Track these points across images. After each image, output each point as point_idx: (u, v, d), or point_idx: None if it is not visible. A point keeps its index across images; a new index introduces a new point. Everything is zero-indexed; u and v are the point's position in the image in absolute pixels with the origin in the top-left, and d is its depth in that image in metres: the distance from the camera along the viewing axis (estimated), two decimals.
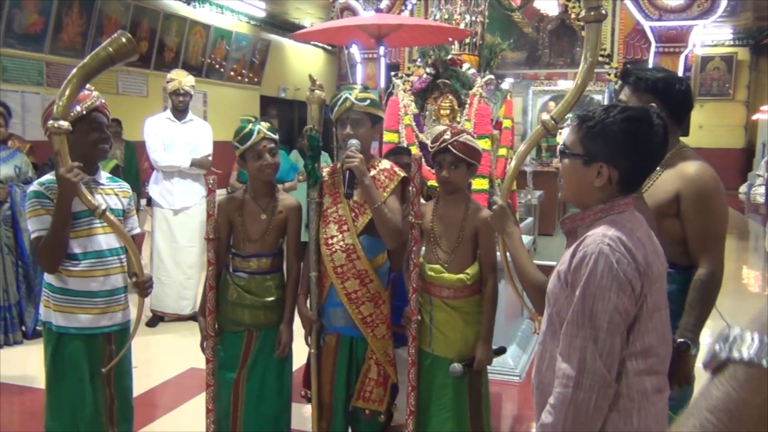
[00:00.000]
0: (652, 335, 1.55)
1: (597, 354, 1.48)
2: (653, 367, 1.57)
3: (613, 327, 1.48)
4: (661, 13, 5.38)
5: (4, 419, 3.74)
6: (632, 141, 1.57)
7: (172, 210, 5.17)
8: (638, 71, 2.31)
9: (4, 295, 4.64)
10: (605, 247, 1.49)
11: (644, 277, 1.50)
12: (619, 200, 1.60)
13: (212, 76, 12.57)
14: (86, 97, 2.43)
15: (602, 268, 1.48)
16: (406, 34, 3.78)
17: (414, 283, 2.53)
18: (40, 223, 2.37)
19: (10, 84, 8.69)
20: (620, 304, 1.48)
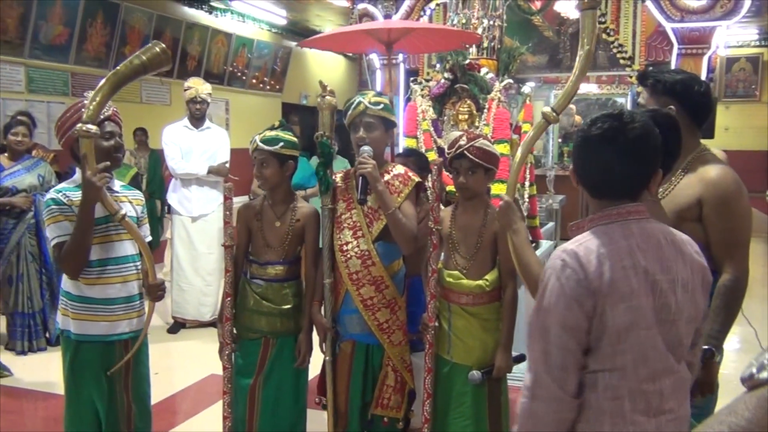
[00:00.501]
0: (628, 357, 1.48)
1: (548, 368, 1.48)
2: (635, 387, 1.49)
3: (561, 342, 1.47)
4: (683, 15, 5.30)
5: (28, 425, 3.79)
6: (579, 153, 1.60)
7: (190, 217, 5.21)
8: (656, 73, 2.27)
9: (28, 303, 4.70)
10: (558, 262, 1.50)
11: (596, 295, 1.45)
12: (610, 210, 1.56)
13: (234, 84, 12.67)
14: None
15: (553, 283, 1.49)
16: (417, 40, 3.77)
17: (432, 290, 2.51)
18: (60, 230, 2.38)
19: (36, 94, 8.85)
20: (568, 320, 1.46)
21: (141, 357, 2.63)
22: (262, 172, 2.64)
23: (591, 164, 1.57)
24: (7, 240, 4.62)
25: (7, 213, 4.59)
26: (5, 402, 3.95)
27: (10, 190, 4.58)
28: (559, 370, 1.48)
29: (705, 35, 5.35)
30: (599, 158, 1.55)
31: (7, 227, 4.61)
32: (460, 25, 4.39)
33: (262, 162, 2.63)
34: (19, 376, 4.30)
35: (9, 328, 4.75)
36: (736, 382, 3.73)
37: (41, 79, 8.97)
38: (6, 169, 4.62)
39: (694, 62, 5.34)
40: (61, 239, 2.38)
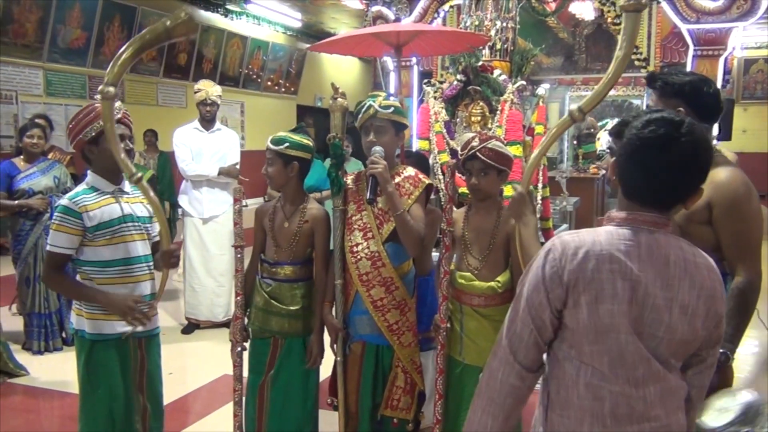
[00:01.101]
0: (605, 359, 1.46)
1: (508, 333, 1.57)
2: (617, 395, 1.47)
3: (525, 315, 1.54)
4: (699, 16, 5.25)
5: (45, 424, 3.84)
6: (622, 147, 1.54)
7: (201, 219, 5.25)
8: (664, 75, 2.25)
9: (45, 303, 4.75)
10: (549, 243, 1.55)
11: (569, 287, 1.46)
12: (632, 214, 1.52)
13: (249, 86, 12.76)
14: None
15: (537, 261, 1.55)
16: (426, 43, 3.78)
17: (444, 291, 2.51)
18: (58, 240, 2.41)
19: (55, 97, 8.97)
20: (533, 299, 1.52)
21: (154, 357, 2.66)
22: (267, 170, 2.68)
23: (635, 165, 1.51)
24: (24, 241, 4.67)
25: (24, 215, 4.65)
26: (22, 401, 4.00)
27: (27, 192, 4.64)
28: (517, 339, 1.55)
29: (721, 36, 5.30)
30: (645, 162, 1.49)
31: (24, 228, 4.67)
32: (473, 27, 4.38)
33: (268, 161, 2.68)
34: (35, 375, 4.35)
35: (26, 328, 4.80)
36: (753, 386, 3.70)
37: (59, 82, 9.09)
38: (22, 171, 4.68)
39: (710, 64, 5.29)
40: (56, 249, 2.42)
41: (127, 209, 2.53)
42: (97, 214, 2.44)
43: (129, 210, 2.54)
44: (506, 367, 1.56)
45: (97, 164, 2.51)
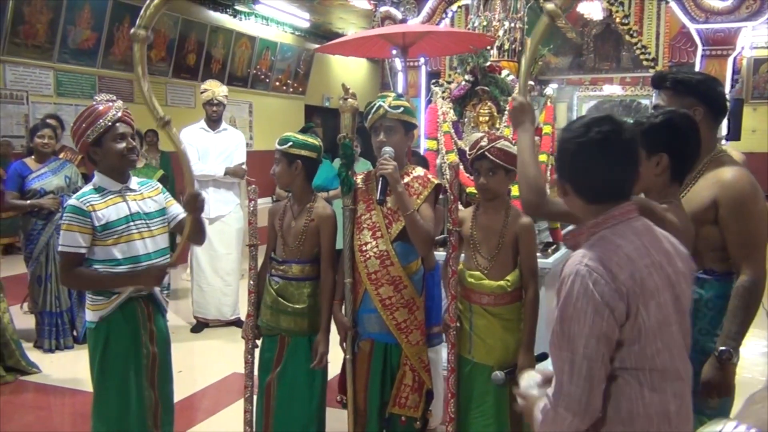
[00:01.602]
0: (666, 355, 1.49)
1: (573, 377, 1.45)
2: (677, 389, 1.51)
3: (589, 351, 1.44)
4: (708, 16, 5.25)
5: (56, 420, 3.88)
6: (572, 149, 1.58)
7: (207, 219, 5.26)
8: (674, 74, 2.26)
9: (56, 302, 4.80)
10: (582, 268, 1.46)
11: (629, 297, 1.44)
12: (611, 211, 1.55)
13: (258, 86, 12.79)
14: (108, 109, 2.48)
15: (578, 289, 1.45)
16: (431, 44, 3.80)
17: (452, 290, 2.52)
18: (69, 240, 2.43)
19: (65, 98, 9.02)
20: (596, 327, 1.43)
21: (165, 355, 2.68)
22: (274, 170, 2.72)
23: (592, 168, 1.56)
24: (36, 241, 4.72)
25: (35, 214, 4.69)
26: (34, 398, 4.05)
27: (38, 192, 4.68)
28: (585, 379, 1.45)
29: (730, 36, 5.30)
30: (601, 161, 1.55)
31: (36, 228, 4.71)
32: (482, 28, 4.40)
33: (276, 160, 2.72)
34: (47, 372, 4.39)
35: (37, 326, 4.85)
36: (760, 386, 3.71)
37: (69, 82, 9.14)
38: (33, 171, 4.72)
39: (719, 63, 5.29)
40: (68, 249, 2.44)
41: (135, 207, 2.55)
42: (105, 213, 2.47)
43: (136, 208, 2.55)
44: (578, 415, 1.46)
45: (103, 164, 2.53)
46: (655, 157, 1.95)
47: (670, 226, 1.83)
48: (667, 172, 1.96)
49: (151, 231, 2.58)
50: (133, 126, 2.58)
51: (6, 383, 4.18)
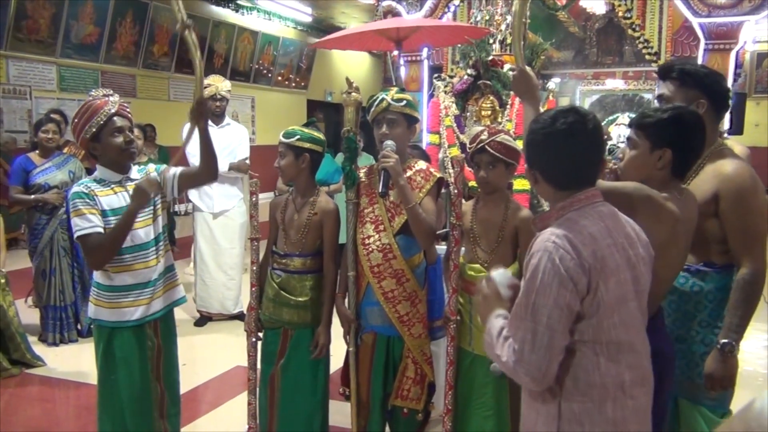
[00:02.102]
0: (621, 330, 1.59)
1: (534, 346, 1.54)
2: (631, 361, 1.60)
3: (552, 322, 1.53)
4: (711, 10, 5.24)
5: (61, 413, 3.91)
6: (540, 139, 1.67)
7: (211, 213, 5.29)
8: (680, 65, 2.26)
9: (60, 296, 4.83)
10: (550, 244, 1.55)
11: (591, 272, 1.54)
12: (578, 195, 1.65)
13: (260, 81, 12.80)
14: (104, 104, 2.48)
15: (545, 264, 1.54)
16: (425, 36, 3.81)
17: (454, 284, 2.54)
18: (85, 222, 2.43)
19: (68, 93, 9.05)
20: (561, 299, 1.53)
21: (171, 346, 2.70)
22: (279, 163, 2.72)
23: (559, 157, 1.66)
24: (40, 235, 4.74)
25: (40, 209, 4.72)
26: (39, 391, 4.07)
27: (43, 187, 4.70)
28: (546, 349, 1.54)
29: (733, 30, 5.28)
30: (568, 150, 1.65)
31: (41, 223, 4.73)
32: (484, 22, 4.40)
33: (280, 154, 2.73)
34: (51, 366, 4.42)
35: (42, 320, 4.88)
36: (761, 378, 3.73)
37: (72, 77, 9.17)
38: (38, 166, 4.74)
39: (722, 58, 5.27)
40: (85, 231, 2.42)
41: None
42: (105, 201, 2.48)
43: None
44: (535, 382, 1.57)
45: (103, 159, 2.54)
46: (658, 151, 1.97)
47: (669, 215, 1.85)
48: (668, 167, 1.98)
49: (151, 216, 2.58)
50: (131, 119, 2.58)
51: (11, 376, 4.21)
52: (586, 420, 1.58)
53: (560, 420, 1.61)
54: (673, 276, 2.04)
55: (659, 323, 2.00)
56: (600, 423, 1.58)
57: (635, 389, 1.61)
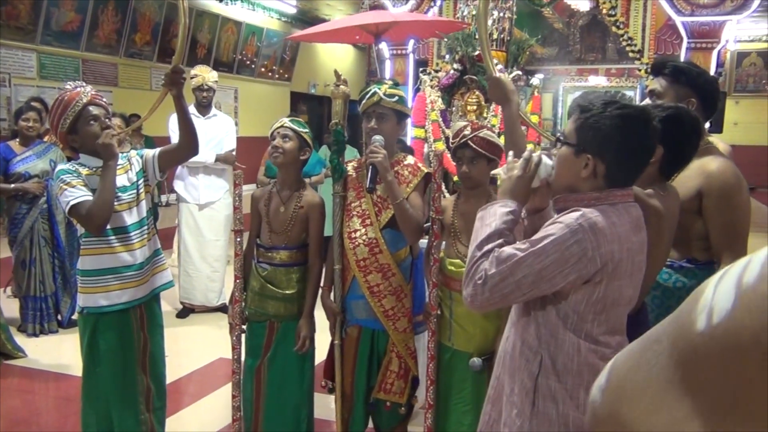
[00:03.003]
0: (604, 327, 1.60)
1: (512, 269, 1.53)
2: (606, 355, 1.60)
3: (540, 268, 1.51)
4: (694, 9, 5.31)
5: (41, 404, 3.88)
6: (622, 138, 1.57)
7: (197, 205, 5.26)
8: (674, 63, 2.28)
9: (41, 287, 4.78)
10: (576, 224, 1.53)
11: (603, 269, 1.54)
12: (616, 191, 1.61)
13: (243, 72, 12.72)
14: (76, 95, 2.46)
15: (562, 236, 1.53)
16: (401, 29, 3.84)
17: (434, 278, 2.55)
18: (75, 191, 2.40)
19: (48, 80, 8.93)
20: (561, 262, 1.51)
21: (157, 338, 2.70)
22: (282, 144, 2.68)
23: (637, 147, 1.60)
24: (20, 225, 4.69)
25: (20, 198, 4.66)
26: (19, 382, 4.03)
27: (23, 176, 4.64)
28: (515, 286, 1.53)
29: (715, 29, 5.36)
30: (647, 143, 1.61)
31: (21, 212, 4.68)
32: (470, 17, 4.41)
33: (285, 136, 2.69)
34: (32, 357, 4.37)
35: (22, 311, 4.83)
36: None
37: (52, 65, 9.04)
38: (18, 155, 4.68)
39: (704, 56, 5.35)
40: (77, 199, 2.39)
41: (119, 181, 2.53)
42: (90, 180, 2.47)
43: (119, 182, 2.54)
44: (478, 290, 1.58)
45: (84, 149, 2.53)
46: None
47: (654, 211, 1.88)
48: (657, 165, 1.99)
49: (135, 199, 2.58)
50: (106, 107, 2.57)
51: None
52: (560, 399, 1.61)
53: (536, 394, 1.63)
54: (657, 272, 2.07)
55: (643, 318, 2.04)
56: (571, 407, 1.60)
57: None
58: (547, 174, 1.71)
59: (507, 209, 1.66)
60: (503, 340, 1.82)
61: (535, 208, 1.82)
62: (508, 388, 1.72)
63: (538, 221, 1.75)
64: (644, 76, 5.81)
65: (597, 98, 1.63)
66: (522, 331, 1.69)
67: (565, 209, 1.62)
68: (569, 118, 1.73)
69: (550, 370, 1.62)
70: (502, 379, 1.77)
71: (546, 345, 1.62)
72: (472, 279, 1.59)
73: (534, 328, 1.65)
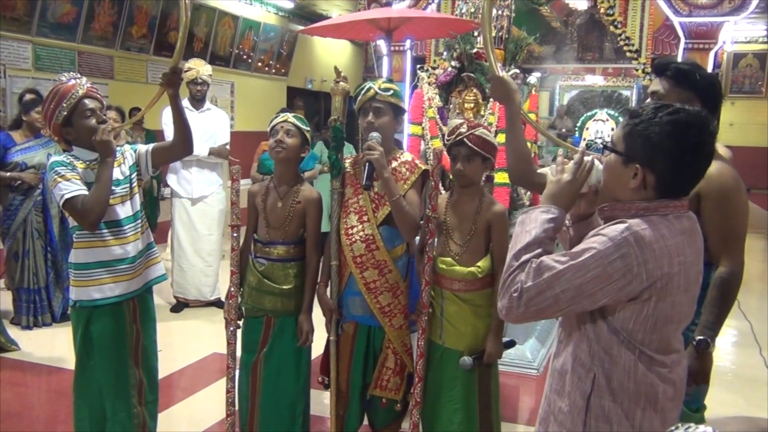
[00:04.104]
0: (656, 345, 1.53)
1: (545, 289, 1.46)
2: (665, 375, 1.55)
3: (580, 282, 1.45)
4: (691, 9, 5.31)
5: (34, 397, 3.86)
6: (674, 147, 1.48)
7: (190, 199, 5.24)
8: (677, 64, 2.25)
9: (34, 279, 4.76)
10: (621, 238, 1.45)
11: (651, 287, 1.46)
12: (667, 202, 1.52)
13: (240, 66, 12.67)
14: (72, 87, 2.45)
15: (607, 250, 1.45)
16: (414, 28, 3.82)
17: (427, 276, 2.55)
18: (70, 185, 2.40)
19: (44, 72, 8.87)
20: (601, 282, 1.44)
21: (149, 332, 2.69)
22: (285, 140, 2.67)
23: (691, 156, 1.51)
24: (14, 216, 4.67)
25: (14, 189, 4.63)
26: (12, 375, 4.02)
27: (19, 166, 4.62)
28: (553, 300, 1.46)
29: (712, 30, 5.36)
30: (704, 150, 1.52)
31: (15, 203, 4.66)
32: (469, 14, 4.41)
33: (289, 131, 2.69)
34: (25, 350, 4.36)
35: (14, 303, 4.81)
36: (730, 374, 3.84)
37: (48, 57, 8.98)
38: (17, 144, 4.65)
39: (701, 57, 5.35)
40: (72, 193, 2.38)
41: (114, 174, 2.51)
42: (85, 174, 2.46)
43: (115, 174, 2.53)
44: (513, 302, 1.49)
45: (78, 142, 2.52)
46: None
47: None
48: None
49: (127, 193, 2.58)
50: (101, 100, 2.56)
51: None
52: (614, 420, 1.53)
53: (588, 414, 1.56)
54: None
55: None
56: (627, 428, 1.53)
57: (667, 403, 1.55)
58: (597, 180, 1.62)
59: (549, 216, 1.56)
60: (552, 357, 1.73)
61: (580, 215, 1.72)
62: (556, 407, 1.65)
63: (585, 229, 1.64)
64: (641, 76, 5.81)
65: (649, 103, 1.56)
66: (574, 347, 1.60)
67: (611, 219, 1.54)
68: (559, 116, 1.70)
69: (604, 389, 1.53)
70: (550, 398, 1.68)
71: (600, 362, 1.54)
72: (507, 291, 1.50)
73: (586, 345, 1.56)
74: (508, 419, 3.17)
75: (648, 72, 5.55)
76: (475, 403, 2.56)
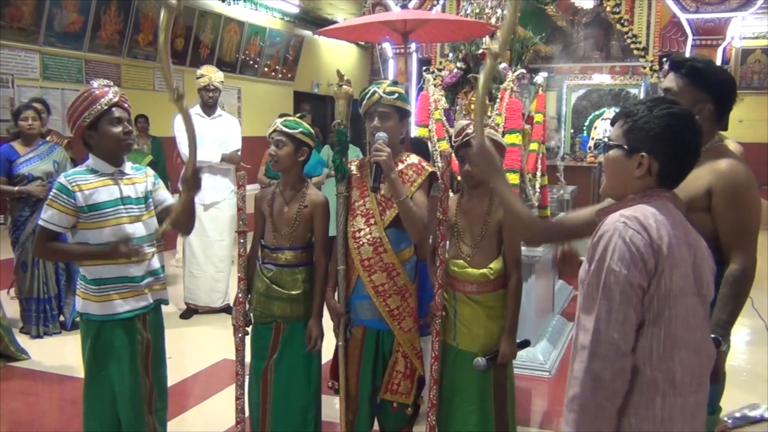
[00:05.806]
0: (679, 322, 1.55)
1: (610, 323, 1.53)
2: (684, 359, 1.56)
3: (625, 298, 1.52)
4: (699, 6, 5.28)
5: (44, 406, 3.87)
6: (674, 135, 1.61)
7: (202, 205, 5.23)
8: (694, 62, 2.21)
9: (44, 288, 4.76)
10: (620, 224, 1.55)
11: (659, 254, 1.52)
12: (653, 191, 1.63)
13: (246, 72, 12.72)
14: (104, 93, 2.47)
15: (615, 242, 1.54)
16: (431, 31, 3.79)
17: (440, 279, 2.53)
18: (50, 215, 2.44)
19: (51, 81, 8.93)
20: (631, 276, 1.51)
21: (159, 340, 2.68)
22: (276, 152, 2.67)
23: (688, 144, 1.64)
24: (23, 227, 4.67)
25: (23, 201, 4.64)
26: (23, 384, 4.03)
27: (27, 177, 4.63)
28: (621, 324, 1.52)
29: (720, 26, 5.33)
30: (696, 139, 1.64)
31: (24, 215, 4.66)
32: (474, 15, 4.39)
33: (278, 143, 2.68)
34: (35, 359, 4.36)
35: (23, 312, 4.81)
36: (745, 374, 3.80)
37: (56, 66, 9.04)
38: (21, 156, 4.66)
39: (709, 53, 5.32)
40: (47, 225, 2.45)
41: (126, 191, 2.53)
42: (92, 194, 2.45)
43: (128, 192, 2.54)
44: (617, 361, 1.53)
45: (98, 149, 2.51)
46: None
47: None
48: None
49: (141, 215, 2.57)
50: (129, 111, 2.57)
51: None
52: (632, 413, 1.57)
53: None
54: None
55: None
56: (648, 419, 1.56)
57: (686, 387, 1.58)
58: None
59: None
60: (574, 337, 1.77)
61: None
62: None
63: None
64: (649, 74, 5.79)
65: (638, 103, 1.67)
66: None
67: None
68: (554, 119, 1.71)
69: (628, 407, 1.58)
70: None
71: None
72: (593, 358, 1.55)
73: None
74: (520, 422, 3.14)
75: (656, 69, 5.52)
76: (490, 405, 2.55)
